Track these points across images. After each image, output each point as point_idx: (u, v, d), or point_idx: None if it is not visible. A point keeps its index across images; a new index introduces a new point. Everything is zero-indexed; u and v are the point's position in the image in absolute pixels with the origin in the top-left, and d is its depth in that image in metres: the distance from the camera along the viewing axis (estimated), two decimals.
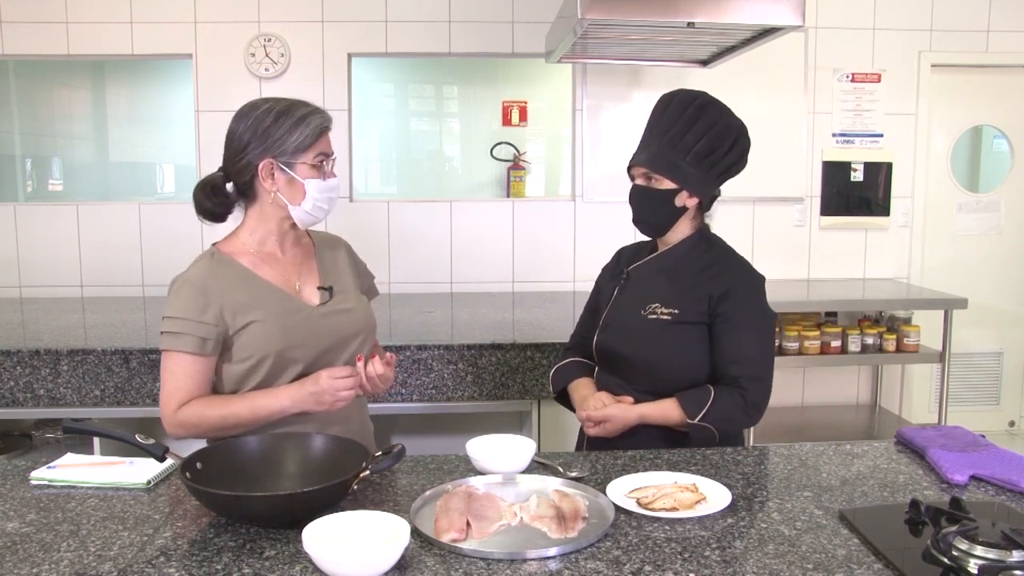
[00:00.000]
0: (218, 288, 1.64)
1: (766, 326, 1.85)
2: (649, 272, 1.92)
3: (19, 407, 2.69)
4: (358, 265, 1.91)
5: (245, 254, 1.71)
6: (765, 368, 1.81)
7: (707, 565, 1.17)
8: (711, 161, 1.81)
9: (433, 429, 3.14)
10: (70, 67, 4.89)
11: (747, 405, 1.76)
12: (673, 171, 1.80)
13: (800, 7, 2.54)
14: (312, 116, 1.66)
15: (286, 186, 1.66)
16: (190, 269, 1.69)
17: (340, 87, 3.91)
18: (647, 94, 3.98)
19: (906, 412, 4.22)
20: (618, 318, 1.92)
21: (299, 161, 1.65)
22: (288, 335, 1.65)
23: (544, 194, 5.10)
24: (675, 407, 1.77)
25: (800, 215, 4.15)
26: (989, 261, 4.29)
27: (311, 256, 1.80)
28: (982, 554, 1.11)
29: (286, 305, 1.68)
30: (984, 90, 4.22)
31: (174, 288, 1.66)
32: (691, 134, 1.79)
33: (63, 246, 3.91)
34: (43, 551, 1.22)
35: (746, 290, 1.83)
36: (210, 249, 1.73)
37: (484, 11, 3.91)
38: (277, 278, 1.71)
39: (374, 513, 1.25)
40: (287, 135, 1.63)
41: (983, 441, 1.66)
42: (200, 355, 1.61)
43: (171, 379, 1.62)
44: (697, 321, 1.81)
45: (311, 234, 1.85)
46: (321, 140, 1.66)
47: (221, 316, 1.62)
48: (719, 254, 1.89)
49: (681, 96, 1.84)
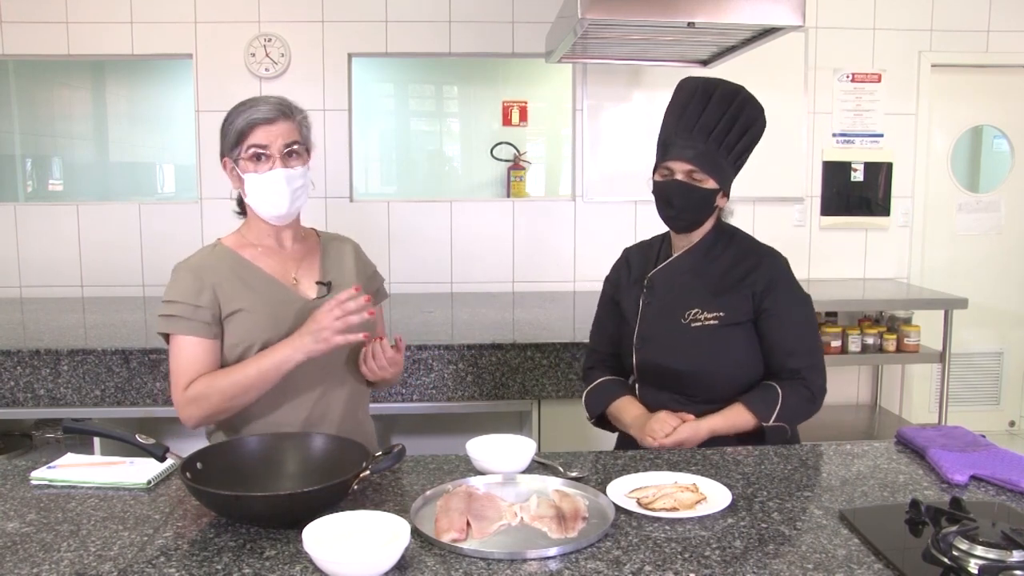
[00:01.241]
0: (213, 273, 1.68)
1: (808, 308, 1.82)
2: (674, 275, 1.85)
3: (19, 407, 2.69)
4: (365, 267, 1.90)
5: (246, 247, 1.75)
6: (818, 352, 1.81)
7: (707, 565, 1.17)
8: (742, 160, 1.81)
9: (433, 429, 3.14)
10: (70, 67, 4.88)
11: (813, 395, 1.76)
12: (718, 172, 1.78)
13: (800, 7, 2.54)
14: (249, 110, 1.67)
15: (238, 182, 1.71)
16: (190, 257, 1.74)
17: (340, 87, 3.91)
18: (647, 94, 3.98)
19: (906, 412, 4.22)
20: (657, 330, 1.84)
21: (238, 156, 1.68)
22: (277, 325, 1.66)
23: (544, 194, 5.10)
24: (744, 413, 1.74)
25: (800, 215, 4.15)
26: (989, 261, 4.29)
27: (315, 253, 1.82)
28: (982, 554, 1.11)
29: (279, 296, 1.70)
30: (984, 90, 4.22)
31: (173, 274, 1.72)
32: (733, 133, 1.76)
33: (63, 246, 3.91)
34: (43, 551, 1.22)
35: (784, 278, 1.80)
36: (214, 242, 1.78)
37: (484, 11, 3.91)
38: (274, 269, 1.74)
39: (374, 513, 1.25)
40: (227, 132, 1.69)
41: (983, 441, 1.66)
42: (204, 337, 1.64)
43: (178, 363, 1.65)
44: (743, 320, 1.78)
45: (320, 233, 1.87)
46: (253, 132, 1.66)
47: (215, 299, 1.66)
48: (744, 245, 1.85)
49: (723, 90, 1.79)
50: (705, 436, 1.75)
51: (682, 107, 1.82)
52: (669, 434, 1.74)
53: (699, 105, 1.79)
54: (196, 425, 1.68)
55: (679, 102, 1.83)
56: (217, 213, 3.85)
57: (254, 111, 1.67)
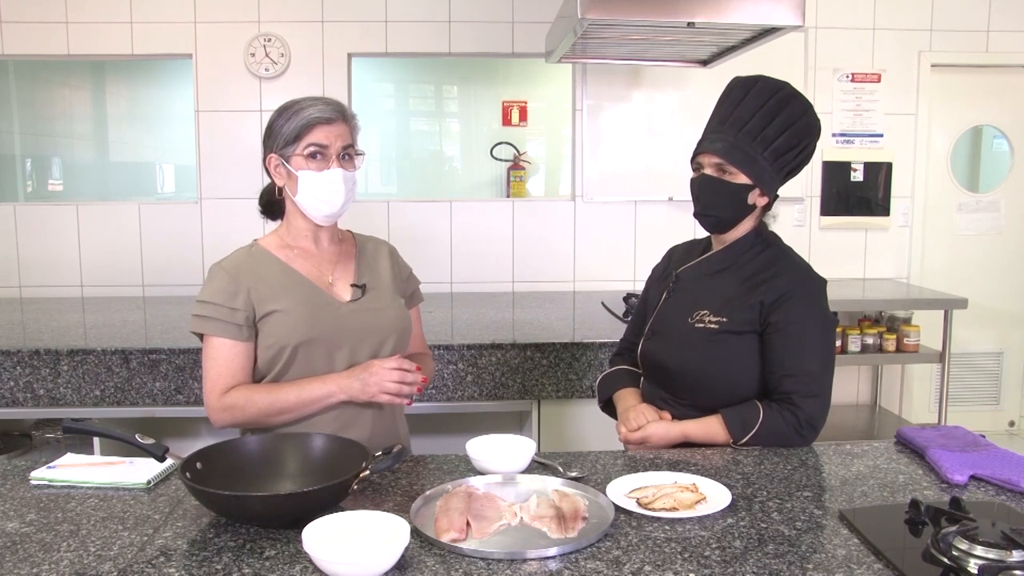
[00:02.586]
0: (249, 275, 1.68)
1: (825, 335, 1.70)
2: (699, 275, 1.81)
3: (19, 407, 2.69)
4: (400, 269, 1.90)
5: (283, 248, 1.75)
6: (823, 383, 1.68)
7: (707, 565, 1.17)
8: (786, 159, 1.71)
9: (433, 429, 3.14)
10: (70, 67, 4.89)
11: (800, 424, 1.65)
12: (751, 166, 1.68)
13: (800, 7, 2.54)
14: (307, 108, 1.66)
15: (288, 180, 1.69)
16: (227, 258, 1.73)
17: (340, 87, 3.91)
18: (647, 94, 3.98)
19: (906, 412, 4.22)
20: (665, 326, 1.81)
21: (292, 153, 1.66)
22: (312, 326, 1.66)
23: (544, 194, 5.10)
24: (720, 426, 1.68)
25: (800, 215, 4.15)
26: (989, 261, 4.29)
27: (351, 255, 1.82)
28: (982, 554, 1.11)
29: (314, 298, 1.70)
30: (984, 90, 4.22)
31: (209, 274, 1.71)
32: (772, 127, 1.67)
33: (63, 246, 3.91)
34: (43, 551, 1.22)
35: (802, 296, 1.69)
36: (251, 243, 1.78)
37: (484, 11, 3.91)
38: (310, 271, 1.73)
39: (374, 513, 1.25)
40: (282, 128, 1.66)
41: (983, 441, 1.66)
42: (238, 340, 1.64)
43: (213, 365, 1.65)
44: (745, 331, 1.69)
45: (355, 235, 1.87)
46: (312, 131, 1.65)
47: (249, 301, 1.65)
48: (774, 255, 1.76)
49: (764, 84, 1.72)
50: (676, 439, 1.72)
51: (720, 103, 1.77)
52: (641, 426, 1.73)
53: (736, 99, 1.73)
54: (224, 427, 1.69)
55: (720, 99, 1.78)
56: (217, 213, 3.84)
57: (314, 109, 1.66)
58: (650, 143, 3.98)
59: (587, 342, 2.78)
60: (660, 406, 1.80)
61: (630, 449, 1.76)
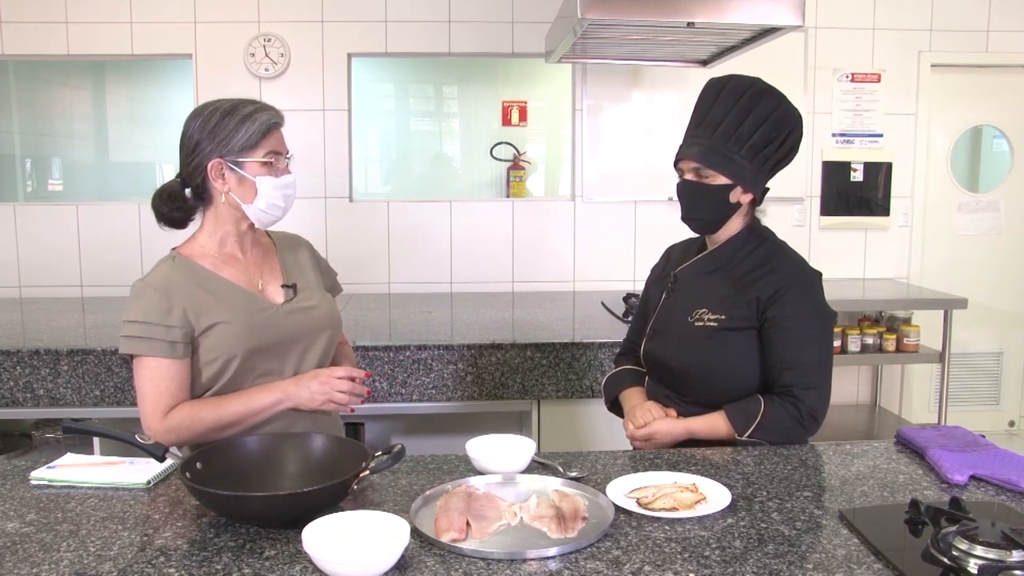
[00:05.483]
0: (180, 290, 1.63)
1: (822, 328, 1.73)
2: (696, 274, 1.83)
3: (19, 407, 2.69)
4: (320, 263, 1.91)
5: (206, 256, 1.70)
6: (822, 374, 1.71)
7: (707, 565, 1.17)
8: (766, 154, 1.72)
9: (433, 429, 3.15)
10: (70, 67, 4.88)
11: (802, 416, 1.67)
12: (728, 166, 1.70)
13: (800, 7, 2.54)
14: (259, 113, 1.64)
15: (237, 185, 1.65)
16: (151, 273, 1.67)
17: (340, 87, 3.91)
18: (647, 94, 3.98)
19: (906, 412, 4.22)
20: (666, 325, 1.84)
21: (248, 159, 1.64)
22: (254, 334, 1.65)
23: (544, 194, 5.10)
24: (723, 421, 1.70)
25: (800, 215, 4.15)
26: (989, 261, 4.29)
27: (272, 255, 1.80)
28: (982, 554, 1.11)
29: (251, 305, 1.68)
30: (984, 90, 4.22)
31: (135, 291, 1.65)
32: (746, 125, 1.69)
33: (63, 246, 3.91)
34: (43, 551, 1.22)
35: (798, 290, 1.72)
36: (170, 254, 1.72)
37: (484, 11, 3.91)
38: (240, 278, 1.70)
39: (374, 513, 1.25)
40: (233, 133, 1.62)
41: (983, 441, 1.66)
42: (175, 358, 1.60)
43: (151, 386, 1.60)
44: (744, 327, 1.72)
45: (271, 234, 1.85)
46: (270, 137, 1.65)
47: (185, 317, 1.61)
48: (769, 251, 1.78)
49: (734, 83, 1.73)
50: (681, 435, 1.75)
51: (696, 106, 1.78)
52: (647, 423, 1.76)
53: (709, 101, 1.75)
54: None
55: (696, 103, 1.79)
56: None
57: (266, 115, 1.64)
58: (650, 143, 3.98)
59: (587, 342, 2.78)
60: (665, 404, 1.82)
61: (637, 446, 1.79)
